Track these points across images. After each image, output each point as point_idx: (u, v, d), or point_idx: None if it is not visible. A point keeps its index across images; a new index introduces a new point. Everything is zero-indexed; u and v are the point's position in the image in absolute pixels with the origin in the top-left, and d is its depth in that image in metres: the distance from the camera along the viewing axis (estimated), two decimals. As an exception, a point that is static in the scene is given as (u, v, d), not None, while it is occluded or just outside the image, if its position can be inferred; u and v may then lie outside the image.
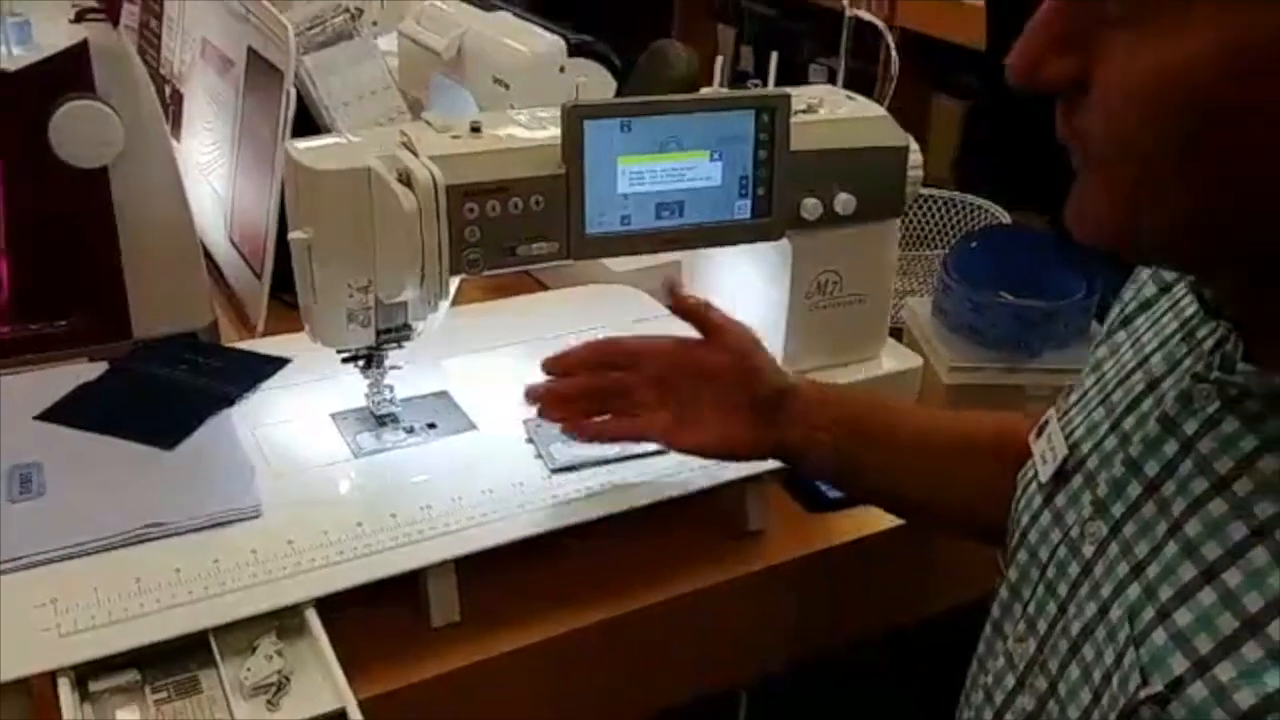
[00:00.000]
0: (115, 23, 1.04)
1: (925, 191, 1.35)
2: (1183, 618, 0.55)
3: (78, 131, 0.98)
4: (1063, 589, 0.65)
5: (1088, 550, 0.64)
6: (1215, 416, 0.58)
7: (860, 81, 1.27)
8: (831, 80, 1.10)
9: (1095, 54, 0.52)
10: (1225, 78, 0.48)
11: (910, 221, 1.35)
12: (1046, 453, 0.71)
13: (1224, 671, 0.52)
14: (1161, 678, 0.55)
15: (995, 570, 0.77)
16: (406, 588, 0.82)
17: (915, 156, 1.01)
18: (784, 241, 0.98)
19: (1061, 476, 0.69)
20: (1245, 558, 0.54)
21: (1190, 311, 0.65)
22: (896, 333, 1.17)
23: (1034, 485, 0.72)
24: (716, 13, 3.46)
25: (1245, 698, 0.51)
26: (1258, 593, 0.53)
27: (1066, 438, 0.70)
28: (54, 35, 1.01)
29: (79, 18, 1.04)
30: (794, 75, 1.09)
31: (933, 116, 2.42)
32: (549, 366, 0.88)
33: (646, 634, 0.88)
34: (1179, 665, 0.54)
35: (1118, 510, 0.63)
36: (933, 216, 1.36)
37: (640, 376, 0.88)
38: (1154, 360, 0.66)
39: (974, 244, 1.18)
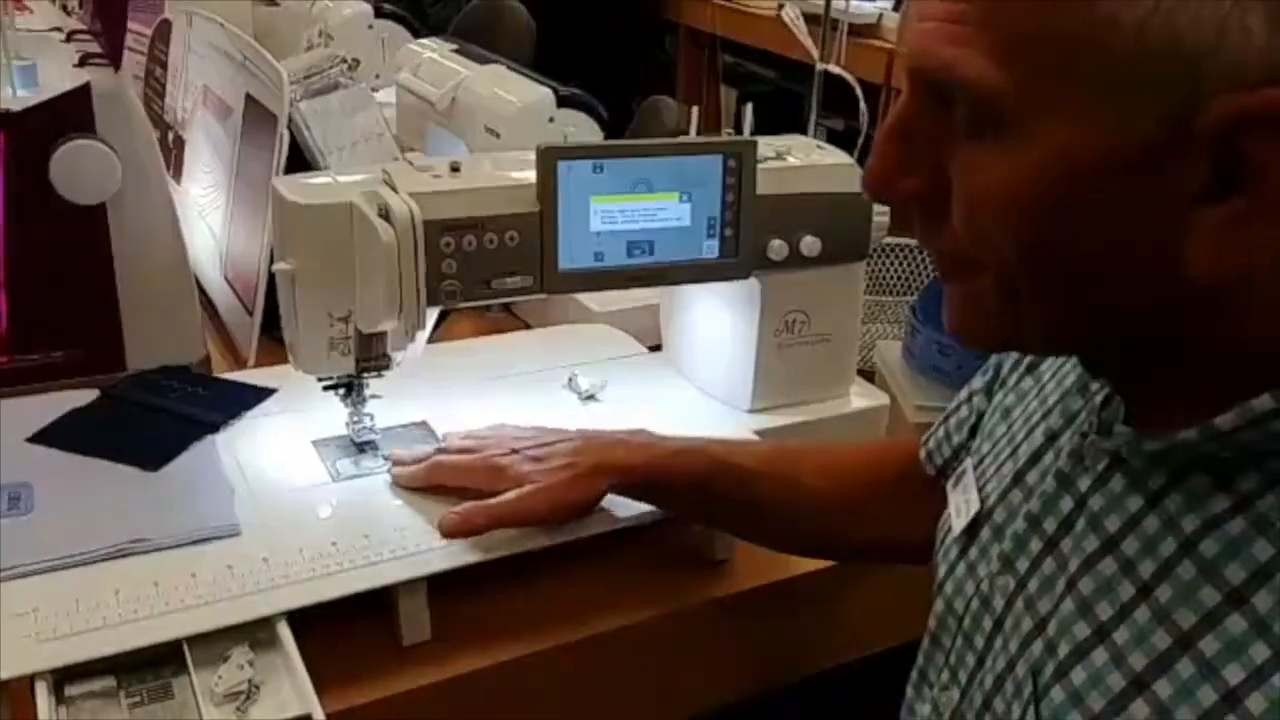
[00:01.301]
0: (117, 68, 1.09)
1: (898, 241, 1.39)
2: (1078, 676, 0.56)
3: (78, 170, 1.01)
4: (979, 641, 0.67)
5: (998, 604, 0.65)
6: (1104, 474, 0.59)
7: (853, 138, 1.32)
8: (832, 139, 1.14)
9: (947, 167, 0.53)
10: (1073, 189, 0.49)
11: (884, 268, 1.39)
12: (961, 505, 0.73)
13: None
14: None
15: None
16: (379, 607, 0.84)
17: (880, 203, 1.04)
18: (753, 281, 1.02)
19: (974, 529, 0.70)
20: (1131, 617, 0.55)
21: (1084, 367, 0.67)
22: (869, 375, 1.20)
23: (950, 538, 0.73)
24: (719, 75, 3.53)
25: None
26: (1141, 652, 0.54)
27: (980, 490, 0.72)
28: (58, 78, 1.05)
29: (82, 62, 1.09)
30: (797, 132, 1.13)
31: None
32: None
33: (614, 657, 0.90)
34: None
35: (1021, 565, 0.64)
36: (906, 264, 1.40)
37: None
38: (1054, 413, 0.68)
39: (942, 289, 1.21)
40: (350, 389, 0.96)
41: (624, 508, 0.91)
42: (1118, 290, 0.52)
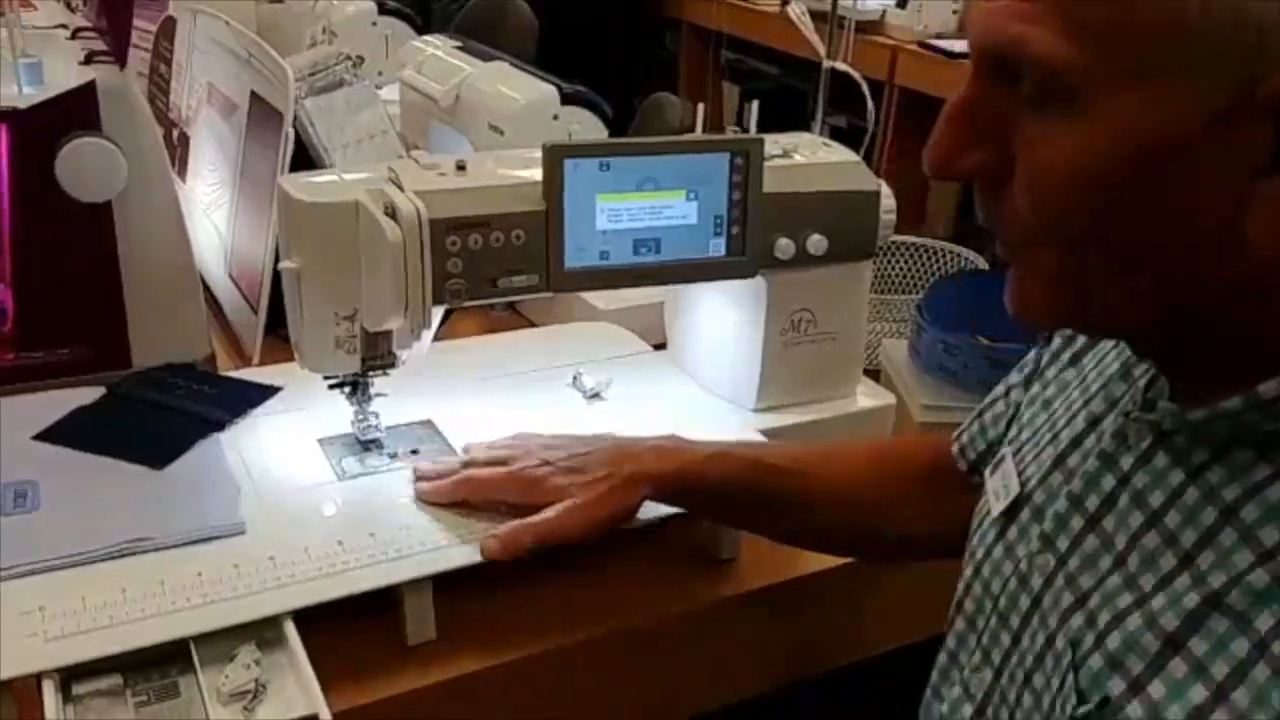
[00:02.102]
0: (122, 65, 1.09)
1: (905, 239, 1.39)
2: (1113, 641, 0.58)
3: (83, 167, 1.01)
4: (1014, 620, 0.67)
5: (1036, 582, 0.66)
6: (1148, 452, 0.61)
7: (857, 135, 1.32)
8: (835, 136, 1.13)
9: (1013, 141, 0.54)
10: (1139, 159, 0.50)
11: (890, 267, 1.39)
12: (1000, 489, 0.73)
13: (1155, 690, 0.55)
14: (1098, 696, 0.57)
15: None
16: (385, 607, 0.84)
17: (887, 201, 1.04)
18: (759, 280, 1.02)
19: (1012, 512, 0.71)
20: (1171, 585, 0.56)
21: (1130, 350, 0.67)
22: (875, 374, 1.20)
23: (988, 520, 0.74)
24: (722, 71, 3.53)
25: (1175, 713, 0.53)
26: (1173, 613, 0.55)
27: (1019, 474, 0.72)
28: (63, 76, 1.05)
29: (88, 60, 1.09)
30: (800, 129, 1.13)
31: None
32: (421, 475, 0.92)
33: (620, 657, 0.90)
34: (1116, 687, 0.56)
35: (1062, 544, 0.65)
36: (912, 263, 1.40)
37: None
38: (1096, 398, 0.69)
39: (948, 288, 1.21)
40: (356, 387, 0.96)
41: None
42: (1181, 263, 0.53)
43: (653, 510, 0.90)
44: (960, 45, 2.10)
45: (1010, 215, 0.55)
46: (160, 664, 0.76)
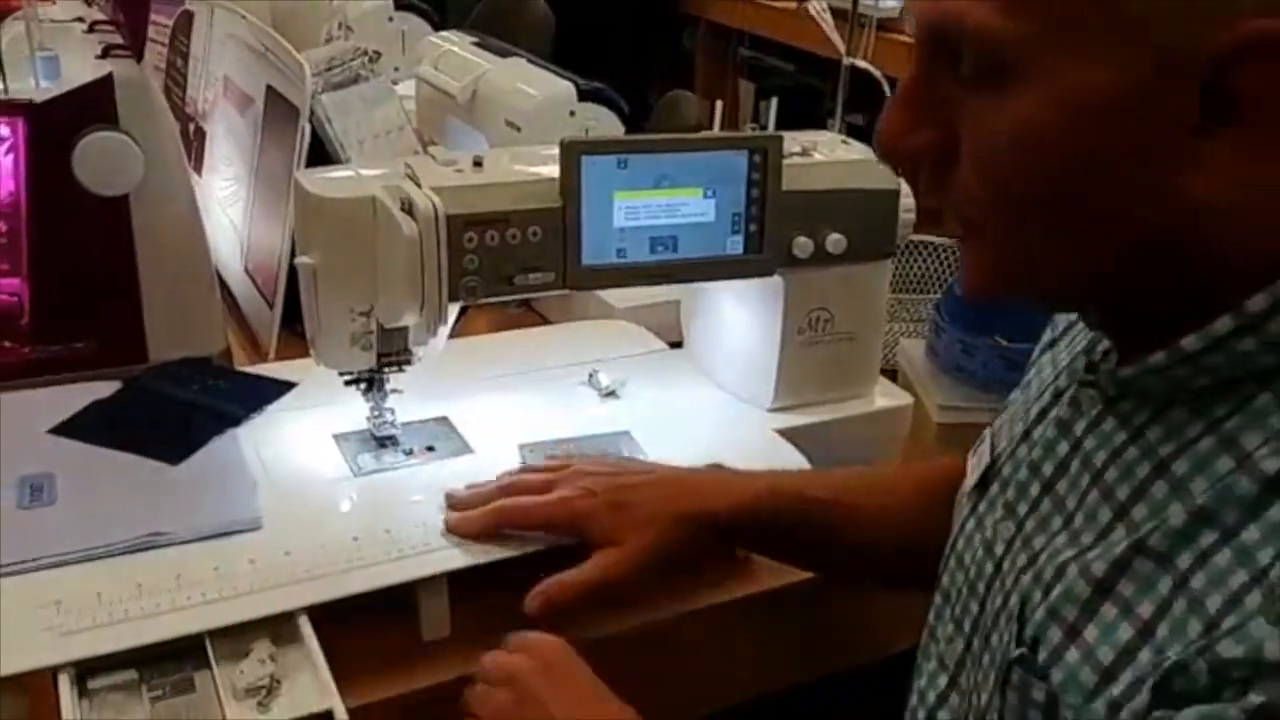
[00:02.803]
0: (139, 59, 1.09)
1: (924, 238, 1.38)
2: (1055, 593, 0.59)
3: (100, 161, 1.01)
4: (981, 588, 0.69)
5: (998, 550, 0.68)
6: (1098, 417, 0.63)
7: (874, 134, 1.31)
8: (853, 134, 1.13)
9: (957, 120, 0.56)
10: (1076, 125, 0.52)
11: (909, 266, 1.39)
12: (975, 465, 0.75)
13: (1090, 634, 0.56)
14: (1045, 649, 0.58)
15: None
16: (400, 603, 0.84)
17: (907, 200, 1.03)
18: (776, 278, 1.01)
19: (984, 485, 0.73)
20: (1108, 538, 0.58)
21: (1083, 322, 0.69)
22: (892, 374, 1.20)
23: (964, 496, 0.75)
24: (738, 69, 3.52)
25: (1105, 654, 0.55)
26: (1104, 561, 0.57)
27: (992, 450, 0.74)
28: (80, 70, 1.05)
29: (105, 54, 1.09)
30: (815, 127, 1.12)
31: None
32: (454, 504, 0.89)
33: (635, 655, 0.89)
34: (1055, 635, 0.58)
35: (1022, 510, 0.67)
36: (930, 262, 1.39)
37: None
38: (1064, 374, 0.70)
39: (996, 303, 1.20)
40: (371, 384, 0.96)
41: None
42: (1125, 224, 0.55)
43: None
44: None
45: (960, 194, 0.57)
46: (176, 659, 0.76)
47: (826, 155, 1.03)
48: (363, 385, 0.96)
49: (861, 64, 1.29)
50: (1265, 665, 0.47)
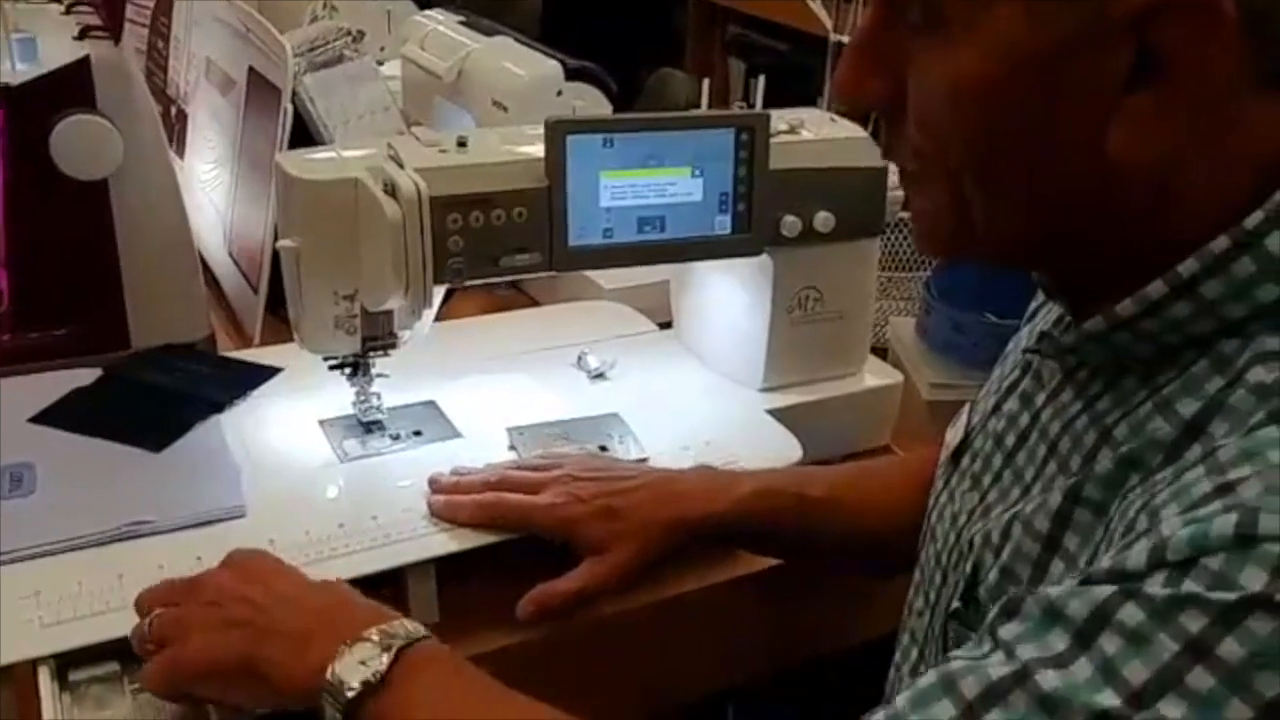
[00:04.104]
0: (118, 40, 1.07)
1: (914, 215, 1.36)
2: (1006, 554, 0.60)
3: (78, 145, 1.00)
4: (945, 560, 0.69)
5: (962, 520, 0.68)
6: (1056, 388, 0.63)
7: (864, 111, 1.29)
8: (842, 112, 1.12)
9: (907, 71, 0.56)
10: (1009, 76, 0.52)
11: (897, 243, 1.37)
12: (950, 440, 0.75)
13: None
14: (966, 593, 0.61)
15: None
16: (388, 589, 0.82)
17: (894, 177, 1.02)
18: (765, 258, 1.00)
19: (957, 459, 0.73)
20: (1045, 496, 0.59)
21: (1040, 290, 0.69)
22: (882, 352, 1.19)
23: (940, 470, 0.76)
24: (727, 47, 3.50)
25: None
26: (1044, 515, 0.58)
27: (967, 424, 0.74)
28: (58, 51, 1.03)
29: (82, 35, 1.07)
30: (805, 105, 1.11)
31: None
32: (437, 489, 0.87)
33: (624, 639, 0.89)
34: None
35: (985, 481, 0.67)
36: (921, 240, 1.38)
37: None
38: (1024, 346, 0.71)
39: (956, 265, 1.19)
40: (357, 368, 0.94)
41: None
42: (1056, 180, 0.55)
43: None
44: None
45: (909, 147, 0.58)
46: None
47: (814, 133, 1.02)
48: (348, 370, 0.95)
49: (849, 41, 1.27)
50: (1119, 573, 0.47)
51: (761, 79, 1.08)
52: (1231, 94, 0.51)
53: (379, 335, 0.92)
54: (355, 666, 0.64)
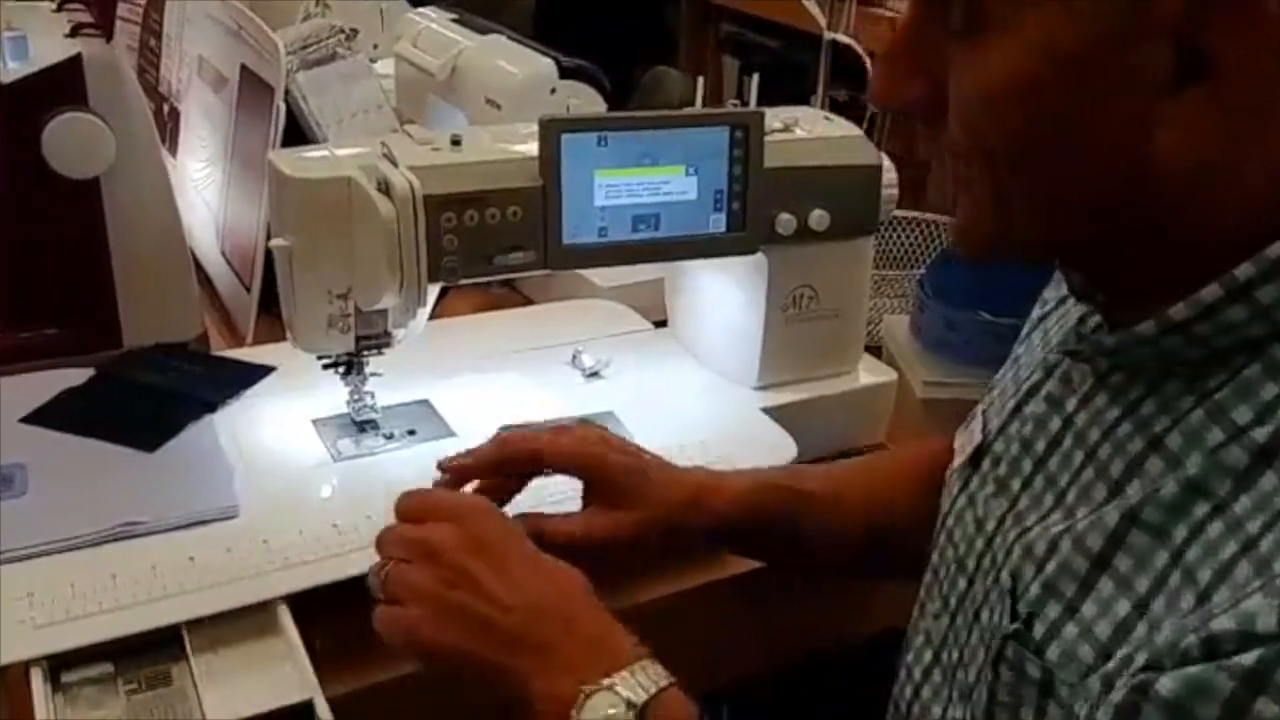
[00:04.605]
0: (110, 38, 1.07)
1: (907, 214, 1.37)
2: (1049, 568, 0.59)
3: (70, 143, 1.00)
4: (970, 564, 0.68)
5: (990, 526, 0.67)
6: (1089, 392, 0.62)
7: (858, 109, 1.29)
8: (835, 109, 1.12)
9: (947, 73, 0.56)
10: (1051, 76, 0.52)
11: (892, 241, 1.37)
12: (965, 443, 0.75)
13: (1088, 610, 0.56)
14: (1041, 625, 0.58)
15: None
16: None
17: (889, 175, 1.02)
18: (760, 256, 1.00)
19: (975, 462, 0.72)
20: (1100, 514, 0.57)
21: (1069, 291, 0.68)
22: (876, 350, 1.19)
23: (954, 473, 0.75)
24: (721, 45, 3.49)
25: (1102, 629, 0.55)
26: (1098, 533, 0.57)
27: (983, 428, 0.73)
28: (49, 49, 1.03)
29: (74, 33, 1.07)
30: (799, 103, 1.10)
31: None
32: (447, 468, 0.82)
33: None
34: (1053, 611, 0.58)
35: (1014, 486, 0.66)
36: (914, 237, 1.38)
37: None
38: (1055, 349, 0.70)
39: (950, 263, 1.19)
40: (350, 367, 0.94)
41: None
42: (1097, 180, 0.54)
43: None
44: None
45: (948, 146, 0.58)
46: (152, 651, 0.75)
47: (808, 131, 1.01)
48: (341, 369, 0.94)
49: (843, 39, 1.27)
50: (1255, 637, 0.46)
51: (755, 77, 1.07)
52: (1276, 94, 0.50)
53: (373, 334, 0.92)
54: (610, 710, 0.63)
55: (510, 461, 0.82)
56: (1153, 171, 0.52)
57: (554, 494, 0.84)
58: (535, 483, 0.83)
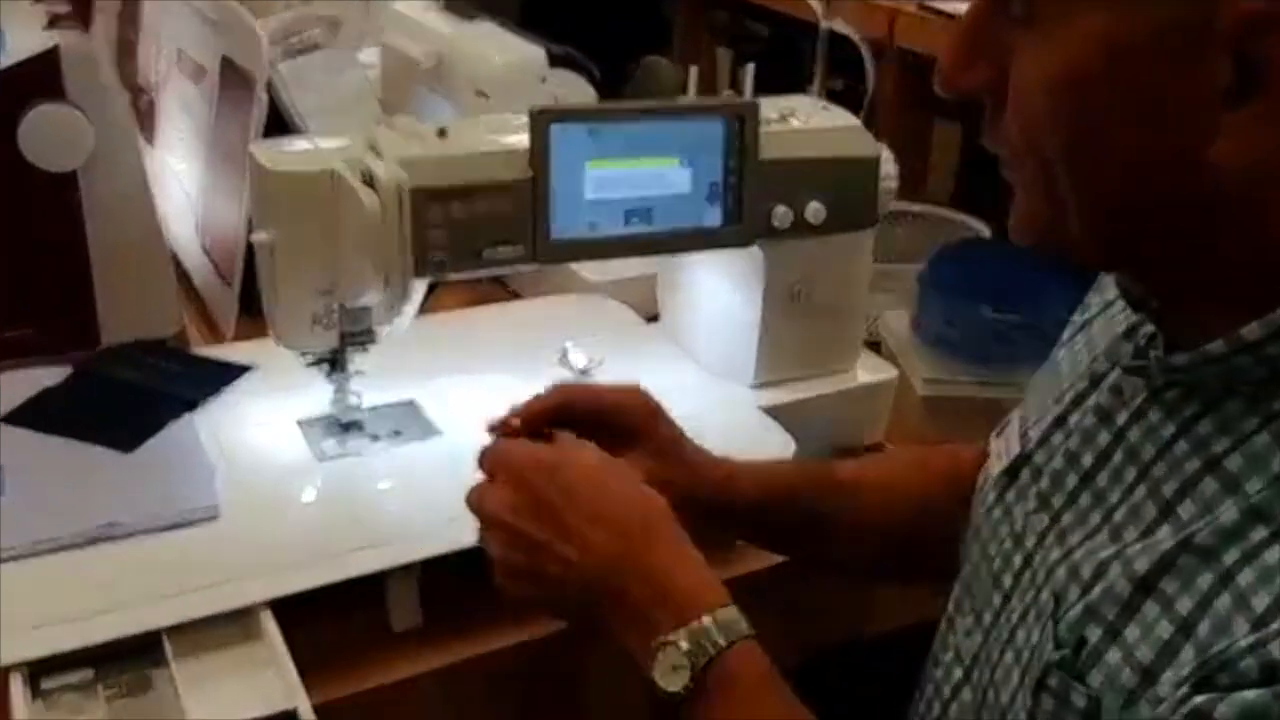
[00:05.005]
0: (87, 29, 1.05)
1: (906, 206, 1.35)
2: (1094, 592, 0.58)
3: (47, 135, 0.98)
4: (1007, 579, 0.67)
5: (1030, 542, 0.66)
6: (1142, 407, 0.61)
7: (854, 99, 1.28)
8: (832, 98, 1.10)
9: (1010, 61, 0.56)
10: (1106, 68, 0.52)
11: (890, 235, 1.35)
12: (1002, 451, 0.73)
13: (1130, 633, 0.55)
14: (1083, 650, 0.57)
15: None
16: (370, 594, 0.81)
17: (888, 167, 1.00)
18: (756, 250, 0.98)
19: (1013, 473, 0.71)
20: (1153, 535, 0.56)
21: (1125, 301, 0.67)
22: (875, 346, 1.17)
23: (989, 482, 0.73)
24: (715, 34, 3.47)
25: (1144, 653, 0.54)
26: (1147, 558, 0.55)
27: (1021, 436, 0.72)
28: (26, 41, 1.01)
29: (51, 24, 1.06)
30: (796, 93, 1.09)
31: (934, 137, 2.44)
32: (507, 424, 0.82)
33: (609, 643, 0.87)
34: (1093, 634, 0.57)
35: (1057, 502, 0.65)
36: (913, 231, 1.36)
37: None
38: (1100, 358, 0.68)
39: (951, 257, 1.18)
40: (334, 364, 0.92)
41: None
42: (1151, 185, 0.54)
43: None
44: (960, 6, 2.05)
45: (1005, 138, 0.58)
46: (133, 656, 0.73)
47: (805, 122, 0.99)
48: (325, 366, 0.92)
49: (840, 28, 1.26)
50: None
51: (751, 66, 1.05)
52: None
53: (358, 331, 0.90)
54: (669, 673, 0.67)
55: (570, 409, 0.82)
56: (1207, 179, 0.52)
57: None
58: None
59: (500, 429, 0.81)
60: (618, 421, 0.82)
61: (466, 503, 0.75)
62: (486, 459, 0.76)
